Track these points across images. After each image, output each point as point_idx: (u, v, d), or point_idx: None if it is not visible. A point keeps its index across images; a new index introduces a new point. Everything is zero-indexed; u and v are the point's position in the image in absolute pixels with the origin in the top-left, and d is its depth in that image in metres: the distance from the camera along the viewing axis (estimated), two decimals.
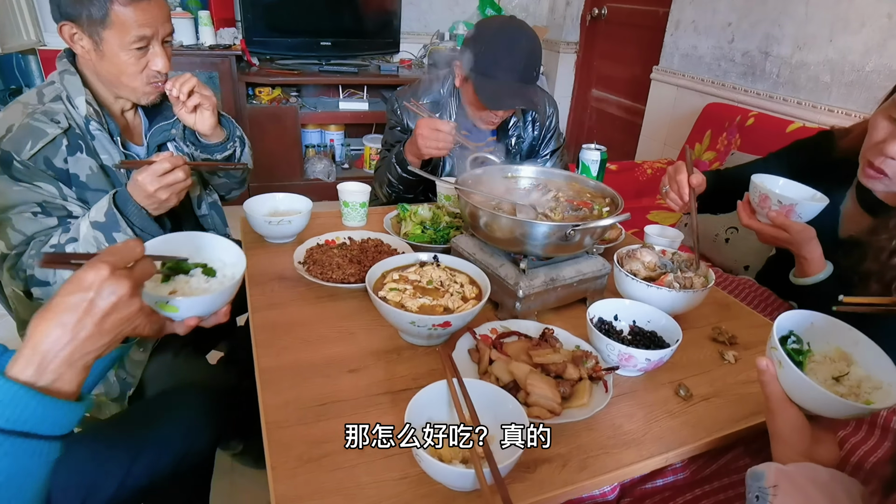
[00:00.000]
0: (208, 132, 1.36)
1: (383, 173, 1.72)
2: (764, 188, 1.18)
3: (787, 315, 0.79)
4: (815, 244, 1.18)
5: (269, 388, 0.90)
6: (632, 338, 1.04)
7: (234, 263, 0.89)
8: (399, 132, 1.79)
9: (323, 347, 1.01)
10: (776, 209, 1.17)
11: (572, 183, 1.31)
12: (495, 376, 0.89)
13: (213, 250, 0.88)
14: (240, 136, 1.47)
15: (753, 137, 2.41)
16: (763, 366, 0.74)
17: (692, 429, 0.89)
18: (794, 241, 1.18)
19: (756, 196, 1.20)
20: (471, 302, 1.00)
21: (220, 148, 1.42)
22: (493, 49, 1.51)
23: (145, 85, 1.27)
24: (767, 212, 1.18)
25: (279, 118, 3.60)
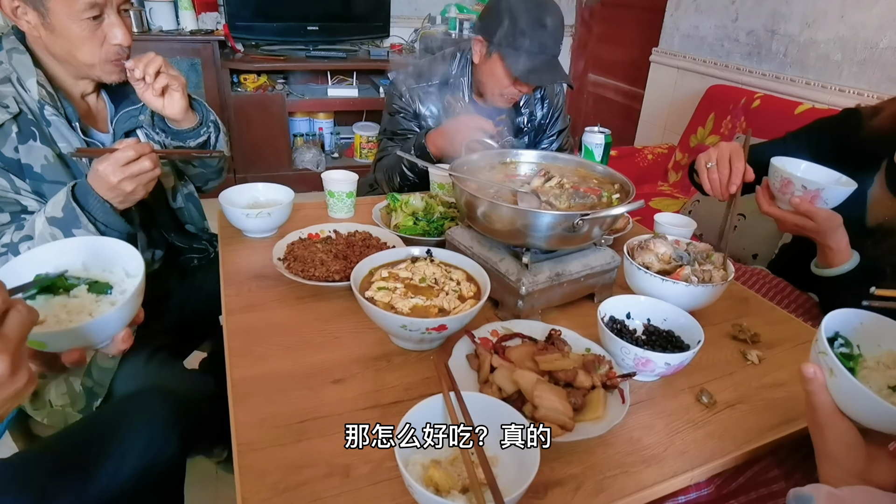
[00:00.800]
0: (178, 117, 1.24)
1: (395, 166, 1.62)
2: (786, 172, 1.08)
3: (834, 315, 0.70)
4: (841, 232, 1.09)
5: (242, 404, 0.79)
6: (646, 338, 0.94)
7: (136, 275, 0.72)
8: (403, 119, 1.68)
9: (304, 354, 0.90)
10: (800, 195, 1.07)
11: (578, 168, 1.21)
12: (497, 386, 0.79)
13: (115, 259, 0.73)
14: (214, 120, 1.35)
15: (760, 120, 2.31)
16: (810, 373, 0.64)
17: (718, 441, 0.80)
18: (820, 230, 1.09)
19: (777, 181, 1.10)
20: (468, 302, 0.90)
21: (192, 134, 1.30)
22: (524, 21, 1.42)
23: (105, 62, 1.16)
24: (790, 198, 1.08)
25: (265, 106, 3.47)
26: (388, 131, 1.72)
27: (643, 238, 1.12)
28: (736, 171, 1.14)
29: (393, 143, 1.70)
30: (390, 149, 1.69)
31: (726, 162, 1.16)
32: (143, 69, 1.15)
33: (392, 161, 1.63)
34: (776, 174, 1.10)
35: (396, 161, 1.60)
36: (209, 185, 1.55)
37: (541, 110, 1.75)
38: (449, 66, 1.65)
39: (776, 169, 1.10)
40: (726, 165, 1.15)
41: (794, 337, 1.05)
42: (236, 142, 3.45)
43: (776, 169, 1.10)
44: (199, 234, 1.53)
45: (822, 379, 0.64)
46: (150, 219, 1.41)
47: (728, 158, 1.16)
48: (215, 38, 3.23)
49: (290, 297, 1.05)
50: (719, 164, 1.17)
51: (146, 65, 1.15)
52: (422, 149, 1.48)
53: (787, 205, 1.10)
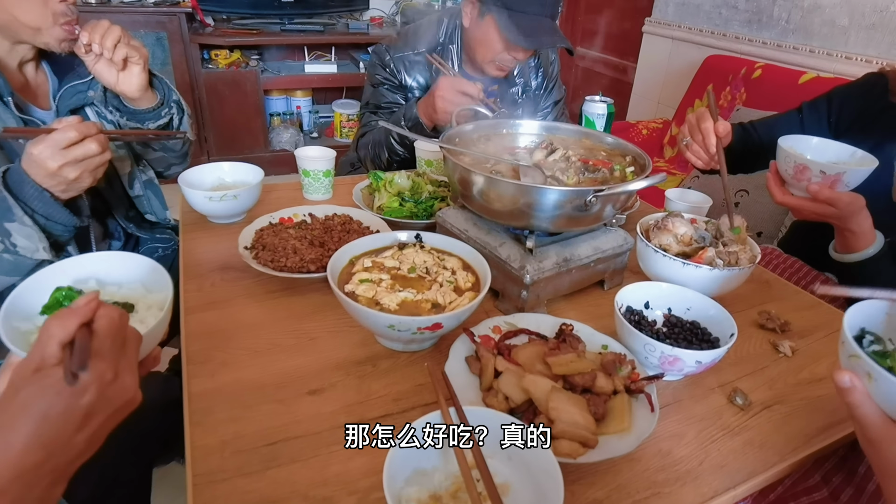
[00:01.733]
0: (136, 94, 1.09)
1: (382, 140, 1.47)
2: (801, 158, 0.96)
3: (855, 311, 0.59)
4: (864, 214, 0.98)
5: (200, 424, 0.66)
6: (668, 331, 0.83)
7: (159, 287, 0.71)
8: (388, 90, 1.53)
9: (275, 360, 0.77)
10: (818, 181, 0.95)
11: (583, 139, 1.08)
12: (503, 394, 0.67)
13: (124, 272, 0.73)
14: (177, 101, 1.20)
15: (761, 91, 2.19)
16: (846, 382, 0.53)
17: (759, 450, 0.69)
18: (842, 215, 0.97)
19: (790, 167, 0.98)
20: (466, 295, 0.77)
21: (152, 115, 1.14)
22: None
23: (52, 26, 1.00)
24: (807, 185, 0.95)
25: (239, 84, 3.27)
26: (372, 104, 1.57)
27: (658, 217, 1.00)
28: (705, 131, 1.06)
29: (377, 118, 1.56)
30: (374, 123, 1.55)
31: (696, 128, 1.08)
32: (100, 41, 0.99)
33: (378, 135, 1.48)
34: (788, 159, 0.98)
35: (384, 134, 1.45)
36: (171, 171, 1.39)
37: (535, 80, 1.61)
38: (436, 33, 1.50)
39: (787, 153, 0.98)
40: (697, 131, 1.08)
41: (826, 324, 0.95)
42: (208, 122, 3.26)
43: (787, 153, 0.98)
44: (160, 223, 1.38)
45: (861, 387, 0.53)
46: (104, 208, 1.25)
47: (696, 125, 1.08)
48: (182, 11, 3.01)
49: (259, 291, 0.92)
50: (692, 134, 1.10)
51: (103, 36, 0.99)
52: (415, 119, 1.33)
53: (801, 191, 0.98)
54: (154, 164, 1.35)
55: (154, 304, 0.71)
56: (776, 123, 1.32)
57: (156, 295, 0.73)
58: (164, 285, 0.70)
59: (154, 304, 0.71)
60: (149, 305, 0.71)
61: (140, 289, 0.73)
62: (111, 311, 0.51)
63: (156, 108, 1.14)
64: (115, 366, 0.48)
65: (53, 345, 0.46)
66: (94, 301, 0.50)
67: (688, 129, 1.12)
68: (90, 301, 0.50)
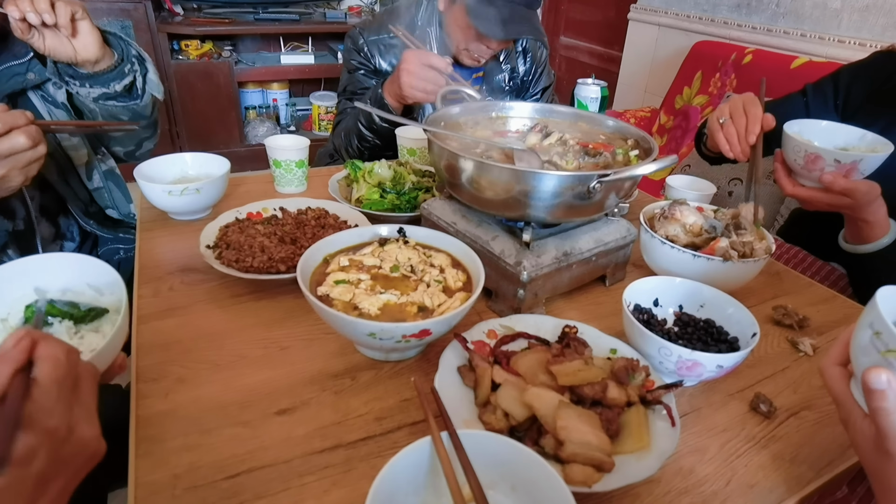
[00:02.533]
0: (98, 54, 0.98)
1: (352, 126, 1.36)
2: (812, 146, 0.88)
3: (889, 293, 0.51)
4: (880, 203, 0.90)
5: (148, 455, 0.56)
6: (680, 330, 0.75)
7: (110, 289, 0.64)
8: (364, 75, 1.42)
9: (239, 374, 0.67)
10: (832, 170, 0.87)
11: (579, 122, 0.99)
12: (502, 410, 0.58)
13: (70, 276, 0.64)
14: (136, 54, 1.08)
15: (752, 77, 2.13)
16: (882, 383, 0.45)
17: (791, 465, 0.61)
18: (857, 205, 0.90)
19: (800, 157, 0.89)
20: (457, 296, 0.68)
21: (114, 75, 1.03)
22: None
23: None
24: (821, 175, 0.87)
25: (211, 76, 3.13)
26: (348, 91, 1.46)
27: (663, 205, 0.92)
28: (753, 117, 0.95)
29: (352, 105, 1.45)
30: (350, 110, 1.44)
31: (741, 111, 0.97)
32: (34, 8, 0.87)
33: (349, 122, 1.38)
34: (797, 148, 0.89)
35: (353, 120, 1.34)
36: (144, 148, 1.28)
37: (523, 65, 1.52)
38: (415, 15, 1.40)
39: (796, 142, 0.89)
40: (742, 115, 0.97)
41: (846, 319, 0.88)
42: (180, 116, 3.12)
43: (796, 142, 0.89)
44: (124, 219, 1.26)
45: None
46: (55, 205, 1.13)
47: (742, 108, 0.97)
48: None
49: (224, 295, 0.82)
50: (734, 116, 0.98)
51: (32, 2, 0.88)
52: (379, 101, 1.23)
53: (813, 181, 0.90)
54: (122, 143, 1.23)
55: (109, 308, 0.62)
56: (779, 108, 1.25)
57: (108, 298, 0.63)
58: (115, 286, 0.60)
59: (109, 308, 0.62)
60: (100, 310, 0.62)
61: (89, 292, 0.64)
62: (54, 349, 0.40)
63: (117, 66, 1.03)
64: (67, 419, 0.39)
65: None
66: (24, 340, 0.39)
67: (730, 109, 1.00)
68: (19, 341, 0.39)
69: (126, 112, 1.09)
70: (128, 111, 1.09)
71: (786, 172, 0.94)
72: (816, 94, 1.22)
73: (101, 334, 0.59)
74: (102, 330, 0.60)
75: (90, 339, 0.58)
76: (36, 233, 1.06)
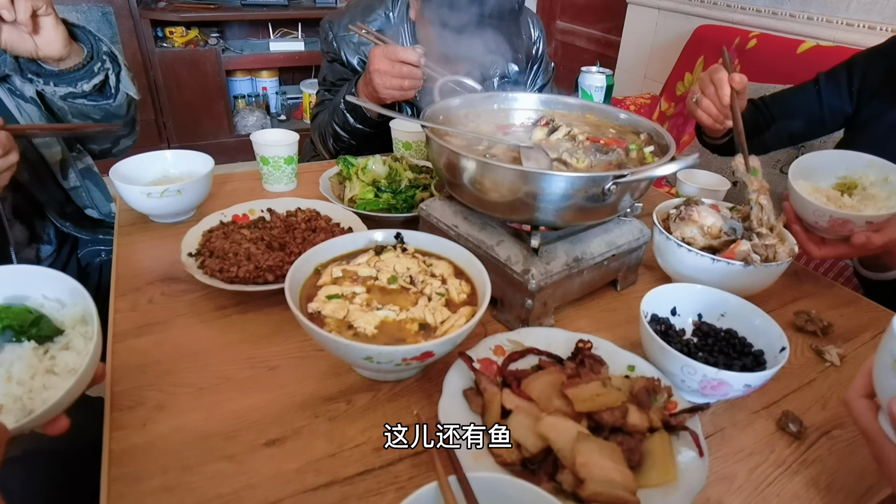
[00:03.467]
0: (62, 52, 0.90)
1: (326, 122, 1.28)
2: (838, 212, 0.78)
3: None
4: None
5: (122, 498, 0.50)
6: (699, 341, 0.70)
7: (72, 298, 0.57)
8: (340, 66, 1.34)
9: (224, 399, 0.61)
10: (862, 229, 0.78)
11: (587, 114, 0.93)
12: (514, 441, 0.53)
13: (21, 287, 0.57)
14: (108, 52, 1.00)
15: (757, 62, 2.06)
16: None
17: (827, 494, 0.56)
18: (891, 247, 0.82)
19: (822, 220, 0.80)
20: (461, 311, 0.63)
21: (84, 74, 0.96)
22: None
23: None
24: (853, 236, 0.79)
25: (198, 64, 3.03)
26: (328, 81, 1.38)
27: (677, 202, 0.86)
28: (718, 81, 0.94)
29: (331, 95, 1.37)
30: (328, 101, 1.36)
31: (708, 82, 0.96)
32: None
33: (323, 119, 1.30)
34: (819, 213, 0.79)
35: (328, 118, 1.26)
36: (122, 146, 1.20)
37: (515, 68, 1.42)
38: (388, 9, 1.30)
39: (815, 207, 0.79)
40: (709, 84, 0.96)
41: (872, 324, 0.83)
42: (166, 107, 3.02)
43: (815, 207, 0.79)
44: (104, 219, 1.19)
45: None
46: (29, 207, 1.06)
47: (708, 79, 0.97)
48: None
49: (207, 308, 0.75)
50: (703, 89, 0.98)
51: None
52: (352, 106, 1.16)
53: (836, 235, 0.82)
54: (98, 143, 1.16)
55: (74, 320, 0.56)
56: (792, 98, 1.19)
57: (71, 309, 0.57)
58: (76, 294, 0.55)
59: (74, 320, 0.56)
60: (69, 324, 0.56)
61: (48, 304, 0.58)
62: None
63: (86, 65, 0.95)
64: None
65: None
66: None
67: (699, 86, 0.99)
68: None
69: (98, 111, 1.02)
70: (99, 110, 1.02)
71: (804, 231, 0.84)
72: (829, 82, 1.16)
73: (75, 351, 0.53)
74: (74, 346, 0.53)
75: (64, 358, 0.52)
76: (8, 237, 0.99)
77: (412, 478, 0.54)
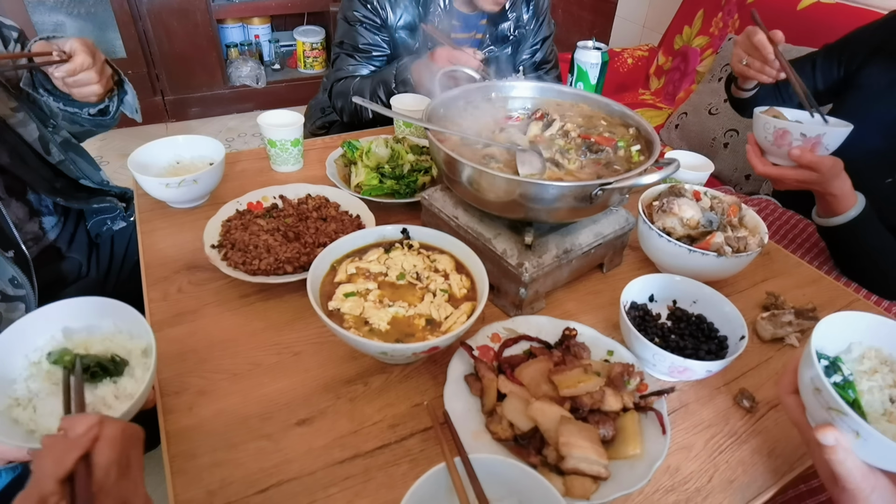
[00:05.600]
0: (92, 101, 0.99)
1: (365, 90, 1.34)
2: (780, 122, 0.94)
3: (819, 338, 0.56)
4: (844, 177, 0.98)
5: (182, 472, 0.61)
6: (673, 325, 0.79)
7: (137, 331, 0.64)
8: (367, 30, 1.36)
9: (256, 384, 0.71)
10: (799, 144, 0.93)
11: (580, 104, 0.98)
12: (508, 421, 0.63)
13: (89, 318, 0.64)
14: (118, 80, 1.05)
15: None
16: (832, 441, 0.50)
17: (768, 459, 0.67)
18: (824, 180, 0.96)
19: (769, 133, 0.96)
20: (462, 308, 0.71)
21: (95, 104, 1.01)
22: None
23: None
24: (788, 150, 0.94)
25: (187, 13, 2.94)
26: (348, 45, 1.40)
27: (661, 189, 0.93)
28: (760, 44, 1.03)
29: (355, 61, 1.39)
30: (352, 67, 1.39)
31: (750, 45, 1.05)
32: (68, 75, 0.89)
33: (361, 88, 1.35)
34: (767, 126, 0.96)
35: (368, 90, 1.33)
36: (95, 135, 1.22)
37: (527, 14, 1.46)
38: None
39: (765, 120, 0.96)
40: (753, 48, 1.05)
41: (830, 303, 0.92)
42: (158, 59, 2.96)
43: (765, 120, 0.96)
44: (101, 188, 1.21)
45: (846, 443, 0.50)
46: (20, 185, 1.06)
47: (749, 42, 1.06)
48: None
49: (232, 296, 0.84)
50: (747, 53, 1.08)
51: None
52: (406, 83, 1.22)
53: (782, 158, 0.97)
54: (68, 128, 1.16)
55: (136, 350, 0.64)
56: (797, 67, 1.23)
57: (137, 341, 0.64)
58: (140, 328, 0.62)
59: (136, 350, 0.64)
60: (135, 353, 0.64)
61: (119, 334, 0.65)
62: (112, 433, 0.45)
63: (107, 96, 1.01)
64: (122, 496, 0.43)
65: (50, 483, 0.41)
66: (94, 429, 0.44)
67: (742, 50, 1.09)
68: (90, 429, 0.43)
69: (91, 123, 1.07)
70: (93, 123, 1.07)
71: (757, 152, 1.00)
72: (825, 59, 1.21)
73: (134, 378, 0.61)
74: (135, 374, 0.61)
75: (124, 384, 0.60)
76: (5, 216, 0.99)
77: (423, 450, 0.64)
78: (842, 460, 0.50)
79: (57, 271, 1.10)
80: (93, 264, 1.18)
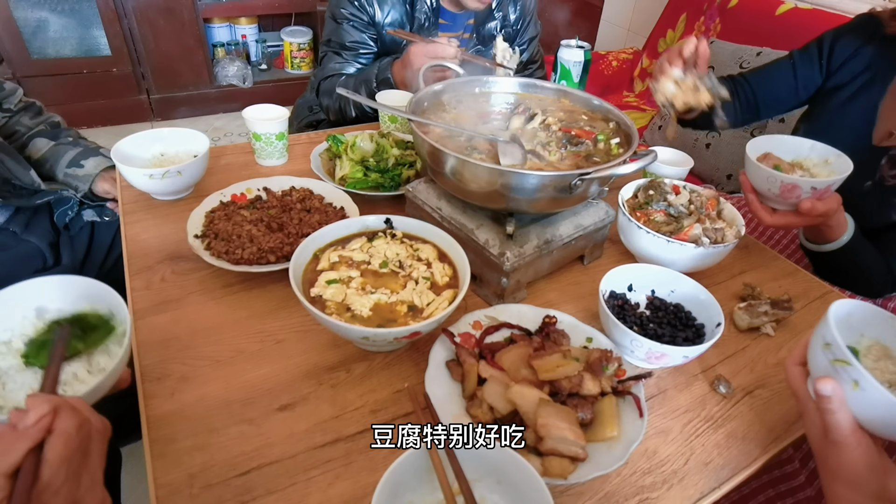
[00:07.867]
0: None
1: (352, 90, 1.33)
2: (787, 177, 0.86)
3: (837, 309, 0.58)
4: (841, 210, 0.93)
5: (162, 456, 0.60)
6: (651, 314, 0.81)
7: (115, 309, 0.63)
8: (354, 28, 1.37)
9: (239, 370, 0.71)
10: (808, 196, 0.86)
11: (562, 99, 0.99)
12: (488, 404, 0.64)
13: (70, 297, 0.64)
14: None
15: (737, 21, 2.10)
16: (829, 391, 0.53)
17: (741, 443, 0.69)
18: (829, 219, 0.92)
19: (774, 185, 0.87)
20: (444, 295, 0.72)
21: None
22: None
23: None
24: (799, 204, 0.87)
25: (173, 12, 2.92)
26: (335, 43, 1.40)
27: (641, 184, 0.95)
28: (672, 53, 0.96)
29: (342, 59, 1.40)
30: (338, 65, 1.40)
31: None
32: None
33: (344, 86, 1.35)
34: (772, 179, 0.87)
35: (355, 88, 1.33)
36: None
37: (514, 13, 1.48)
38: None
39: (769, 173, 0.87)
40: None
41: (804, 294, 0.95)
42: (143, 57, 2.94)
43: (769, 173, 0.87)
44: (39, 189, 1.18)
45: (841, 394, 0.53)
46: None
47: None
48: None
49: (215, 285, 0.84)
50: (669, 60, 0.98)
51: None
52: (387, 83, 1.22)
53: (787, 206, 0.90)
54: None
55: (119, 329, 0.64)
56: (769, 74, 1.24)
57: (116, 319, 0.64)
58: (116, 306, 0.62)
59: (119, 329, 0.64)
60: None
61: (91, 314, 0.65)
62: (67, 425, 0.41)
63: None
64: (73, 496, 0.41)
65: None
66: (45, 419, 0.41)
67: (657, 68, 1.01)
68: (41, 419, 0.40)
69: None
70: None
71: (758, 204, 0.92)
72: (803, 56, 1.22)
73: (109, 354, 0.61)
74: (110, 350, 0.62)
75: (97, 359, 0.60)
76: None
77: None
78: (835, 410, 0.53)
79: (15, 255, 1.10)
80: (64, 253, 1.18)
